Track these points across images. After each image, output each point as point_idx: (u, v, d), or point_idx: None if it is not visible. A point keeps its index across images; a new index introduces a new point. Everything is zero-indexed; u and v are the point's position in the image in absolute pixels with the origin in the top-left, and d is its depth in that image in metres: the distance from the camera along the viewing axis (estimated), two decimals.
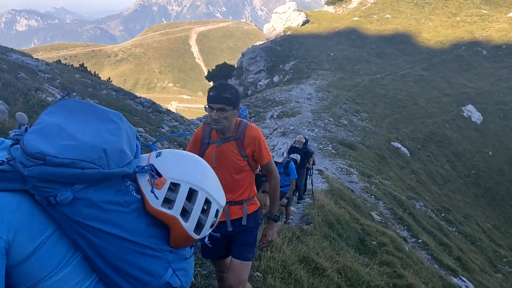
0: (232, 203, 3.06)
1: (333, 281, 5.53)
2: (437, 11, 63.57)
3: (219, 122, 2.80)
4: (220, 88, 2.83)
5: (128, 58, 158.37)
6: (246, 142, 2.95)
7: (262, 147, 3.00)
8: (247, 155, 2.97)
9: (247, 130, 2.97)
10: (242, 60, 55.53)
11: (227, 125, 2.87)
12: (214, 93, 2.78)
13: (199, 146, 3.07)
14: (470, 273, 13.26)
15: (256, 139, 2.96)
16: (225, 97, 2.77)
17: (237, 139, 2.96)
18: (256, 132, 2.98)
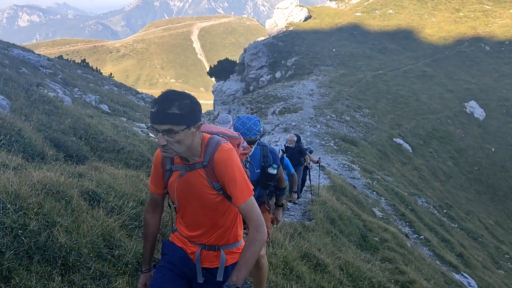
0: (205, 247, 2.32)
1: (335, 277, 5.52)
2: (440, 6, 63.29)
3: (169, 148, 2.06)
4: (163, 101, 2.01)
5: (130, 54, 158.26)
6: (216, 169, 2.17)
7: (233, 178, 2.13)
8: (221, 186, 2.20)
9: (217, 153, 2.17)
10: (244, 56, 55.39)
11: (183, 150, 2.11)
12: (156, 109, 2.01)
13: (161, 173, 2.34)
14: (472, 269, 13.26)
15: (224, 165, 2.14)
16: (171, 114, 1.99)
17: (206, 166, 2.19)
18: (225, 155, 2.16)
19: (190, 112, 2.04)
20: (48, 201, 3.11)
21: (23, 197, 2.94)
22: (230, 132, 2.48)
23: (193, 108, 2.06)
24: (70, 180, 3.87)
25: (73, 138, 6.62)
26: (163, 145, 2.04)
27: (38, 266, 2.54)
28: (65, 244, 2.78)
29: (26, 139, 5.16)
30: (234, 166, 2.15)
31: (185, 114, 2.02)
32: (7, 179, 3.08)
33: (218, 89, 52.81)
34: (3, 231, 2.56)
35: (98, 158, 6.43)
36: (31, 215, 2.81)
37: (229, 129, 2.54)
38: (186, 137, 2.06)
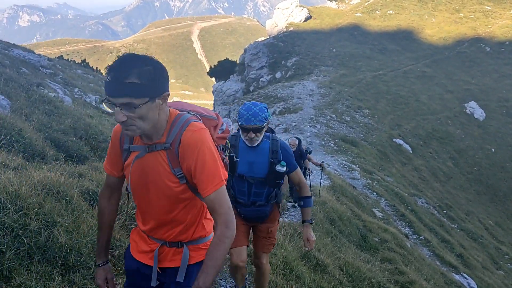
0: (166, 244, 1.98)
1: (335, 278, 5.52)
2: (440, 7, 63.29)
3: (131, 125, 1.71)
4: (119, 68, 1.65)
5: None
6: (182, 153, 1.81)
7: (203, 163, 1.78)
8: (185, 174, 1.83)
9: (185, 133, 1.81)
10: (244, 56, 55.39)
11: (149, 127, 1.75)
12: (111, 78, 1.66)
13: (119, 153, 1.97)
14: (472, 270, 13.26)
15: (192, 149, 1.79)
16: (129, 84, 1.63)
17: (169, 149, 1.83)
18: (194, 136, 1.80)
19: (153, 81, 1.68)
20: (48, 201, 3.12)
21: (24, 197, 2.95)
22: (206, 111, 2.10)
23: (157, 76, 1.70)
24: (71, 180, 3.87)
25: (74, 138, 6.63)
26: (123, 121, 1.69)
27: (39, 266, 2.54)
28: (65, 244, 2.79)
29: (26, 139, 5.17)
30: (205, 149, 1.79)
31: (147, 83, 1.66)
32: (8, 179, 3.09)
33: (218, 90, 52.80)
34: (3, 231, 2.56)
35: (98, 158, 6.44)
36: (31, 215, 2.82)
37: (206, 109, 2.13)
38: (150, 111, 1.71)
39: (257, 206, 3.44)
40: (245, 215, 3.49)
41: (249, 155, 3.32)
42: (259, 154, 3.32)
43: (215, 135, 2.08)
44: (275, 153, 3.30)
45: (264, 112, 3.14)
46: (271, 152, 3.31)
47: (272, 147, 3.32)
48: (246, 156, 3.32)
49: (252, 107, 3.14)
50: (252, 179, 3.35)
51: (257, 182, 3.36)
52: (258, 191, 3.39)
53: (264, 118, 3.13)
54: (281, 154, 3.32)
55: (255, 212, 3.47)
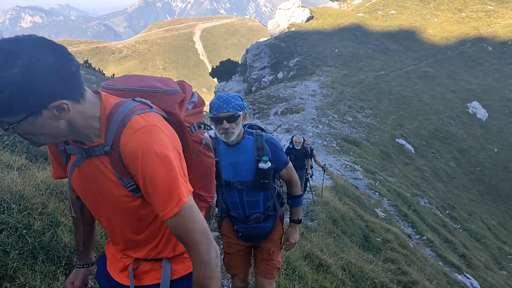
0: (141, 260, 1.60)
1: (337, 278, 5.52)
2: (442, 7, 63.20)
3: (29, 140, 1.31)
4: None
5: (132, 55, 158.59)
6: (126, 160, 1.35)
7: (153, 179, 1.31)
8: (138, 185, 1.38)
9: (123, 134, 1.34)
10: (246, 56, 55.42)
11: (52, 140, 1.32)
12: None
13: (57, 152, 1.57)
14: (475, 270, 13.23)
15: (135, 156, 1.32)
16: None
17: (110, 153, 1.36)
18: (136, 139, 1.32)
19: (22, 91, 1.12)
20: (52, 201, 3.13)
21: (27, 197, 2.96)
22: (165, 83, 1.58)
23: (30, 82, 1.12)
24: None
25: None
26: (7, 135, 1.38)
27: (43, 265, 2.55)
28: (69, 243, 2.80)
29: None
30: (152, 157, 1.29)
31: (12, 95, 1.12)
32: (11, 179, 3.10)
33: (220, 90, 52.82)
34: (7, 231, 2.58)
35: None
36: (35, 215, 2.83)
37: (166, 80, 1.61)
38: (39, 127, 1.22)
39: (256, 221, 2.97)
40: (243, 234, 3.03)
41: (231, 156, 2.83)
42: (242, 153, 2.82)
43: (183, 113, 1.60)
44: (261, 149, 2.82)
45: (237, 99, 2.67)
46: (256, 149, 2.82)
47: (257, 143, 2.83)
48: (228, 158, 2.83)
49: (224, 95, 2.68)
50: (240, 185, 2.85)
51: (247, 188, 2.86)
52: (251, 199, 2.90)
53: (238, 105, 2.63)
54: (268, 150, 2.85)
55: (255, 230, 3.01)
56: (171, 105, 1.55)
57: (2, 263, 2.36)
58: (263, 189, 2.86)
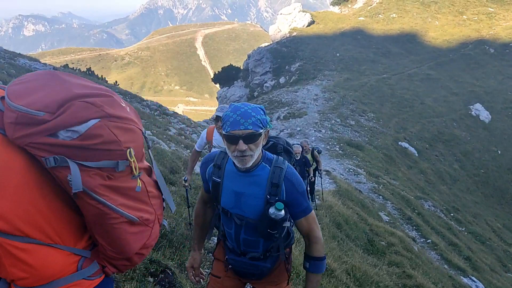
0: None
1: (342, 282, 5.51)
2: (443, 9, 63.26)
3: None
4: None
5: (134, 62, 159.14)
6: None
7: None
8: None
9: None
10: (248, 62, 55.57)
11: None
12: None
13: None
14: (480, 273, 13.16)
15: None
16: None
17: None
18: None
19: None
20: None
21: None
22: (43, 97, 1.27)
23: None
24: None
25: None
26: None
27: None
28: None
29: None
30: None
31: None
32: None
33: (222, 96, 52.95)
34: None
35: None
36: None
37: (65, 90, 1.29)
38: None
39: (251, 258, 2.40)
40: (234, 267, 2.49)
41: (237, 183, 2.23)
42: (252, 184, 2.20)
43: (16, 135, 1.27)
44: (275, 187, 2.16)
45: (259, 113, 2.09)
46: (270, 185, 2.17)
47: (273, 177, 2.17)
48: (232, 184, 2.24)
49: (242, 107, 2.09)
50: (239, 219, 2.27)
51: (247, 226, 2.27)
52: (249, 238, 2.31)
53: (260, 121, 2.06)
54: (284, 191, 2.18)
55: (248, 267, 2.43)
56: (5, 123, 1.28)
57: None
58: (267, 238, 2.28)
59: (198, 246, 2.59)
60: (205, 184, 2.42)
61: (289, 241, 2.50)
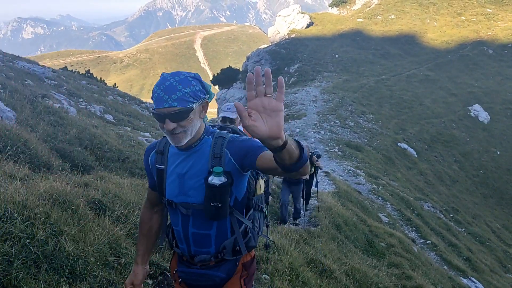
0: None
1: (341, 283, 5.51)
2: (442, 11, 63.34)
3: None
4: None
5: (133, 64, 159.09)
6: None
7: None
8: None
9: None
10: (247, 63, 55.57)
11: None
12: None
13: None
14: (480, 273, 13.17)
15: None
16: None
17: None
18: None
19: None
20: (55, 211, 3.15)
21: (30, 207, 2.97)
22: None
23: None
24: (76, 190, 3.90)
25: (79, 148, 6.67)
26: None
27: (46, 274, 2.56)
28: (72, 252, 2.81)
29: (32, 149, 5.21)
30: None
31: None
32: (15, 189, 3.12)
33: (221, 97, 52.93)
34: (11, 240, 2.59)
35: (103, 168, 6.48)
36: (38, 224, 2.84)
37: None
38: None
39: (202, 265, 2.09)
40: (184, 280, 2.18)
41: (180, 164, 1.99)
42: (194, 161, 1.96)
43: None
44: (218, 158, 1.92)
45: (188, 84, 1.82)
46: (212, 158, 1.93)
47: (214, 148, 1.94)
48: (176, 166, 2.00)
49: (168, 79, 1.83)
50: (185, 208, 1.99)
51: (195, 214, 1.99)
52: (199, 232, 2.02)
53: (189, 95, 1.80)
54: (228, 155, 1.92)
55: (199, 278, 2.12)
56: None
57: (6, 273, 2.37)
58: (214, 217, 1.93)
59: (142, 259, 2.21)
60: (150, 179, 2.14)
61: (248, 239, 2.09)
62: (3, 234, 2.59)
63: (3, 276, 2.35)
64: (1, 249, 2.47)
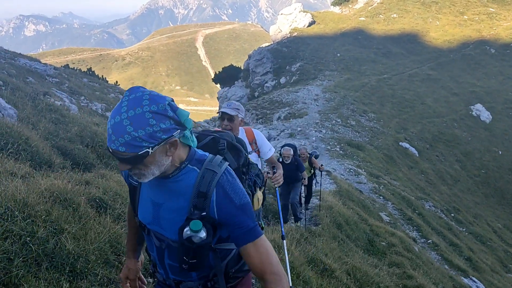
0: None
1: (342, 282, 5.50)
2: (444, 10, 63.20)
3: None
4: None
5: (135, 62, 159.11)
6: None
7: None
8: None
9: None
10: (248, 62, 55.54)
11: None
12: None
13: None
14: (481, 273, 13.15)
15: None
16: None
17: None
18: None
19: None
20: (55, 209, 3.14)
21: (31, 204, 2.97)
22: None
23: None
24: (77, 188, 3.90)
25: (80, 146, 6.67)
26: None
27: (47, 273, 2.56)
28: (72, 251, 2.80)
29: (33, 147, 5.20)
30: None
31: None
32: (15, 187, 3.11)
33: (223, 96, 52.94)
34: (11, 238, 2.58)
35: (104, 166, 6.47)
36: (39, 222, 2.84)
37: None
38: None
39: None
40: None
41: (155, 190, 1.66)
42: (173, 193, 1.61)
43: None
44: (203, 198, 1.55)
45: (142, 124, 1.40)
46: (195, 195, 1.57)
47: (200, 183, 1.57)
48: (150, 191, 1.68)
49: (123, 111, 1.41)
50: (158, 239, 1.71)
51: (170, 249, 1.69)
52: (175, 265, 1.72)
53: (140, 138, 1.40)
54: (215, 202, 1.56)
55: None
56: None
57: (6, 271, 2.37)
58: (190, 269, 1.64)
59: (134, 253, 2.04)
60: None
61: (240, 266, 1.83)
62: (3, 232, 2.59)
63: (3, 274, 2.35)
64: (1, 247, 2.46)
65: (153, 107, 1.42)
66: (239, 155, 1.82)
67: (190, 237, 1.52)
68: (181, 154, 1.58)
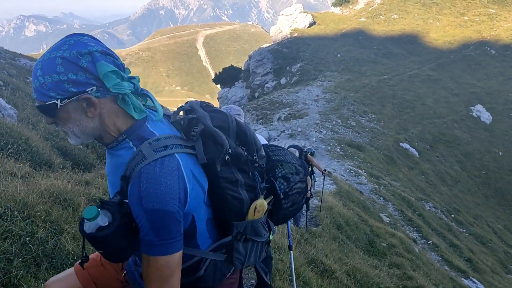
0: None
1: (342, 283, 5.49)
2: (444, 11, 63.21)
3: None
4: None
5: (135, 62, 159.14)
6: None
7: None
8: None
9: None
10: (249, 62, 55.54)
11: None
12: None
13: None
14: (481, 274, 13.14)
15: None
16: None
17: None
18: None
19: None
20: (55, 209, 3.14)
21: (31, 205, 2.96)
22: None
23: None
24: (77, 188, 3.89)
25: (80, 146, 6.67)
26: None
27: (46, 273, 2.55)
28: (72, 251, 2.80)
29: (33, 147, 5.20)
30: None
31: None
32: (15, 187, 3.11)
33: (223, 96, 52.94)
34: (11, 239, 2.58)
35: (104, 166, 6.47)
36: (38, 222, 2.83)
37: None
38: None
39: None
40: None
41: (108, 161, 1.51)
42: (114, 168, 1.45)
43: None
44: (125, 182, 1.34)
45: (50, 70, 1.27)
46: (121, 176, 1.37)
47: (129, 164, 1.35)
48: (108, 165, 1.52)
49: (46, 53, 1.31)
50: None
51: None
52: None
53: (46, 86, 1.28)
54: (130, 192, 1.31)
55: None
56: None
57: (5, 271, 2.36)
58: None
59: None
60: None
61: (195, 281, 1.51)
62: (3, 232, 2.58)
63: (3, 274, 2.34)
64: (1, 247, 2.46)
65: (66, 53, 1.26)
66: (217, 149, 1.43)
67: (81, 225, 1.31)
68: (119, 123, 1.38)
